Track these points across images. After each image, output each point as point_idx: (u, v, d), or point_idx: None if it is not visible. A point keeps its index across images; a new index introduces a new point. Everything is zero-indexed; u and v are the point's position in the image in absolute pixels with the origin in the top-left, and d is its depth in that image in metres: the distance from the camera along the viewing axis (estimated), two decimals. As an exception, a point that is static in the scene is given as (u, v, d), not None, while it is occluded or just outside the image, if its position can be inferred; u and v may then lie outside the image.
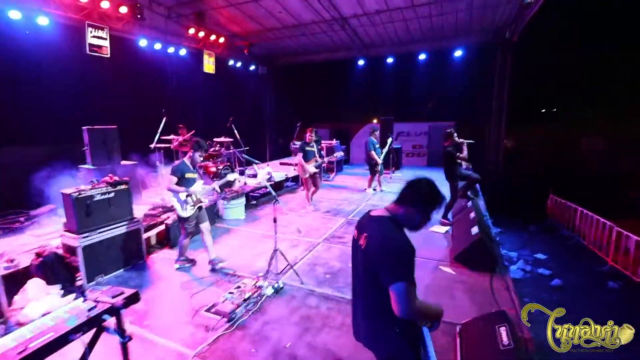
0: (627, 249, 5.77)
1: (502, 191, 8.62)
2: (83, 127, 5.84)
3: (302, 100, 13.66)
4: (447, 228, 5.56)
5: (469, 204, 5.53)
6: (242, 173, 8.46)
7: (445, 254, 4.63)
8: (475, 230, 4.34)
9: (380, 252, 1.54)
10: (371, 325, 1.71)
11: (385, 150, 8.04)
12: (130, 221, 4.36)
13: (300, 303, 3.50)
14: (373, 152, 7.77)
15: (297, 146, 6.71)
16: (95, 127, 5.90)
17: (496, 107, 9.37)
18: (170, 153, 7.62)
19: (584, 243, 7.05)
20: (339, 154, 7.07)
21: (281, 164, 11.09)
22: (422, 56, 10.56)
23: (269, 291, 3.60)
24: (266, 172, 8.33)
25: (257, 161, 4.26)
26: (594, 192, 9.73)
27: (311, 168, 6.52)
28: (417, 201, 1.61)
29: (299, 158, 6.56)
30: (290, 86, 13.46)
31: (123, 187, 4.31)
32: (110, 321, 2.09)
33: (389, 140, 8.45)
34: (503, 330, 2.46)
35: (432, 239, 5.20)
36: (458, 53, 9.94)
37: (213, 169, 6.97)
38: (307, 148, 6.55)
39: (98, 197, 4.04)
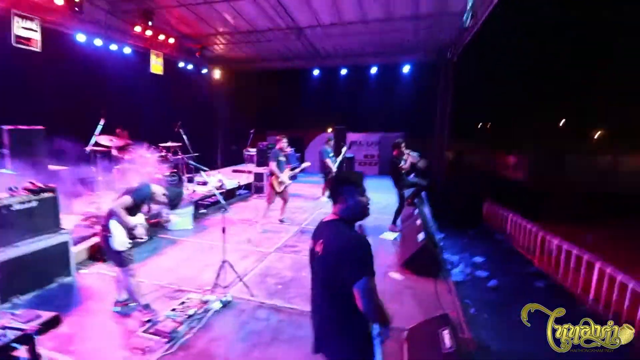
0: (549, 251, 6.46)
1: (444, 199, 9.22)
2: (3, 127, 5.15)
3: (257, 107, 13.48)
4: (396, 235, 5.78)
5: (416, 211, 5.82)
6: (190, 180, 8.06)
7: (393, 260, 4.79)
8: (421, 236, 4.56)
9: (339, 253, 1.56)
10: (331, 331, 1.69)
11: (339, 159, 8.19)
12: (57, 233, 3.90)
13: (249, 317, 3.37)
14: (328, 160, 7.88)
15: (270, 154, 6.14)
16: (18, 127, 5.23)
17: (439, 120, 10.08)
18: (108, 157, 7.00)
19: (514, 246, 7.77)
20: (306, 165, 6.71)
21: (234, 171, 10.77)
22: (373, 69, 11.04)
23: (217, 306, 3.42)
24: (217, 180, 8.05)
25: (205, 168, 4.06)
26: (522, 199, 10.84)
27: (286, 180, 6.03)
28: (346, 192, 1.67)
29: (272, 168, 5.92)
30: (245, 92, 13.21)
31: (48, 194, 3.85)
32: (23, 350, 1.82)
33: (343, 149, 8.63)
34: (446, 334, 2.58)
35: (381, 246, 5.36)
36: (406, 68, 10.55)
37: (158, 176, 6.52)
38: (280, 157, 6.04)
39: (17, 207, 3.56)
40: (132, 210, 3.12)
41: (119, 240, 3.05)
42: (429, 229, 5.10)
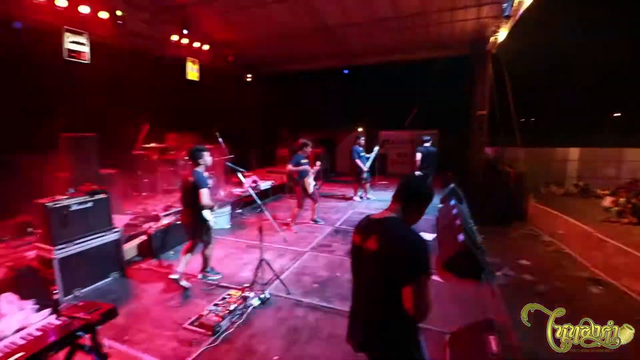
0: (607, 255, 5.94)
1: (484, 198, 8.79)
2: (60, 135, 5.64)
3: (288, 109, 13.68)
4: (434, 235, 5.60)
5: (454, 211, 5.60)
6: (227, 182, 8.34)
7: (431, 261, 4.65)
8: (461, 237, 4.37)
9: (400, 251, 1.54)
10: (377, 329, 1.67)
11: (371, 158, 8.10)
12: (110, 231, 4.19)
13: (288, 314, 3.43)
14: (358, 160, 7.82)
15: (294, 160, 6.10)
16: (73, 134, 5.70)
17: (477, 116, 9.63)
18: (152, 161, 7.42)
19: (564, 248, 7.24)
20: (317, 166, 6.53)
21: (267, 172, 11.00)
22: (406, 65, 10.80)
23: (255, 302, 3.51)
24: (252, 180, 8.26)
25: (241, 169, 4.18)
26: (572, 199, 10.07)
27: (312, 182, 6.10)
28: (415, 197, 1.70)
29: (290, 168, 6.00)
30: (276, 94, 13.47)
31: (102, 196, 4.15)
32: (86, 338, 1.97)
33: (375, 148, 8.53)
34: (492, 339, 2.47)
35: (419, 246, 5.22)
36: (441, 63, 10.22)
37: None
38: (303, 161, 6.05)
39: (75, 207, 3.87)
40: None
41: (212, 221, 3.94)
42: (468, 229, 4.89)
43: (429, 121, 11.74)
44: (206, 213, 3.83)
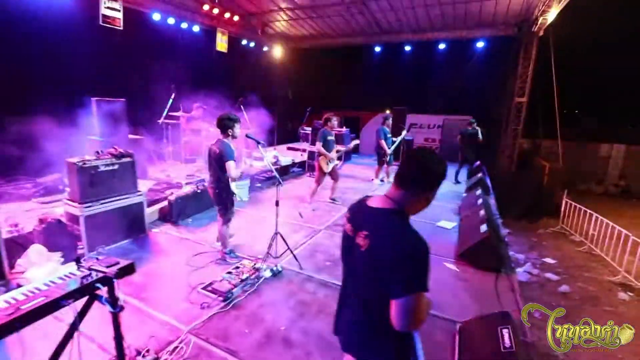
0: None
1: (513, 191, 8.40)
2: (92, 98, 5.81)
3: (314, 85, 13.42)
4: (454, 224, 5.42)
5: (479, 201, 5.37)
6: (248, 155, 8.41)
7: (449, 250, 4.51)
8: (484, 228, 4.20)
9: (391, 259, 1.23)
10: (363, 333, 1.45)
11: (397, 141, 7.82)
12: (134, 194, 4.34)
13: (298, 288, 3.45)
14: (383, 142, 7.57)
15: (317, 134, 5.87)
16: (104, 98, 5.86)
17: (515, 104, 9.04)
18: (177, 130, 7.56)
19: (596, 250, 6.84)
20: (355, 143, 6.44)
21: (288, 148, 11.00)
22: (441, 45, 10.21)
23: (267, 274, 3.55)
24: (273, 156, 8.29)
25: (262, 141, 4.12)
26: (612, 199, 9.43)
27: (334, 159, 5.87)
28: (422, 181, 1.32)
29: (319, 148, 5.76)
30: (302, 70, 13.20)
31: (127, 159, 4.27)
32: (104, 290, 2.05)
33: (403, 131, 8.22)
34: (505, 332, 2.36)
35: (438, 234, 5.08)
36: (480, 44, 9.57)
37: None
38: (329, 137, 5.83)
39: (102, 168, 4.02)
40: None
41: (239, 195, 3.79)
42: (493, 220, 4.68)
43: (462, 106, 11.16)
44: (233, 185, 3.73)
